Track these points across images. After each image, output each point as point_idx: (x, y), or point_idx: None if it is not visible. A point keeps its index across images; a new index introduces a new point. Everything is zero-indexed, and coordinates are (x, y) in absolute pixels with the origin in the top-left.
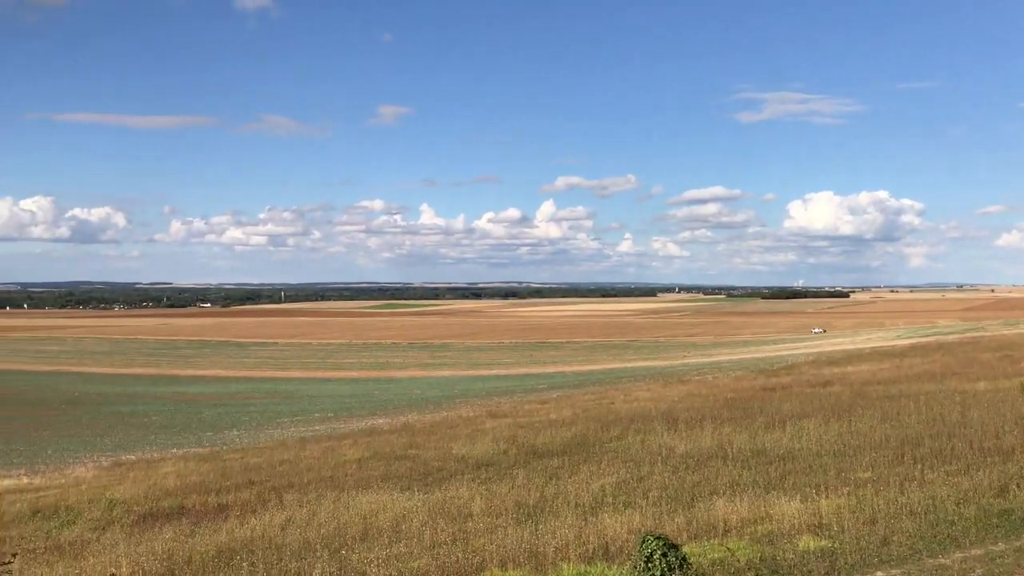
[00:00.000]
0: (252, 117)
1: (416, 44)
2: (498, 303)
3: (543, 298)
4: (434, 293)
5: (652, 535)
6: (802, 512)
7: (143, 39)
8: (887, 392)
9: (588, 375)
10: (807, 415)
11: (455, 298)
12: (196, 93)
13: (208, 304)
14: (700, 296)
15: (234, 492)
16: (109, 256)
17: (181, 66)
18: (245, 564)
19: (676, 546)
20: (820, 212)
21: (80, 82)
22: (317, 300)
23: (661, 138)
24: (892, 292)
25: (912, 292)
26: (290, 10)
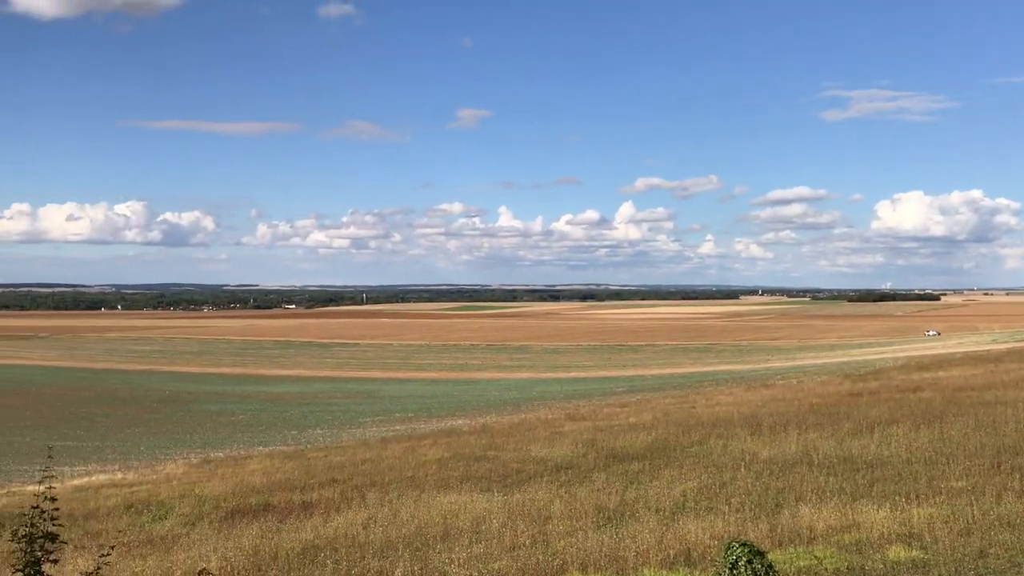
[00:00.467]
0: (336, 123)
1: (495, 48)
2: (576, 305)
3: (622, 300)
4: (512, 295)
5: (737, 541)
6: (892, 521)
7: (232, 48)
8: (981, 398)
9: (668, 378)
10: (896, 421)
11: (533, 300)
12: (283, 100)
13: (293, 305)
14: (784, 299)
15: (318, 490)
16: (198, 259)
17: (268, 73)
18: (329, 562)
19: (762, 553)
20: (909, 212)
21: (172, 90)
22: (397, 302)
23: (744, 138)
24: (986, 295)
25: (1008, 295)
26: (372, 17)
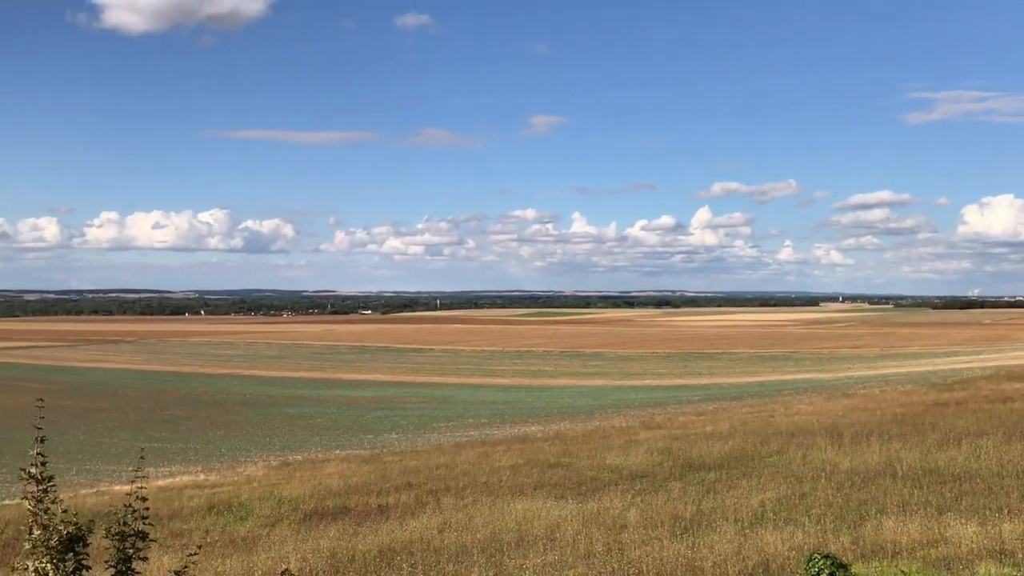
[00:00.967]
0: (413, 131)
1: (569, 54)
2: (651, 312)
3: (698, 307)
4: (585, 301)
5: (819, 553)
6: (981, 536)
7: (312, 59)
8: None
9: (745, 387)
10: (985, 433)
11: (606, 306)
12: (361, 109)
13: (369, 311)
14: (865, 306)
15: (394, 494)
16: (278, 265)
17: (348, 84)
18: (405, 565)
19: (845, 565)
20: (999, 217)
21: (253, 100)
22: (471, 308)
23: (824, 142)
24: None
25: None
26: (448, 26)
